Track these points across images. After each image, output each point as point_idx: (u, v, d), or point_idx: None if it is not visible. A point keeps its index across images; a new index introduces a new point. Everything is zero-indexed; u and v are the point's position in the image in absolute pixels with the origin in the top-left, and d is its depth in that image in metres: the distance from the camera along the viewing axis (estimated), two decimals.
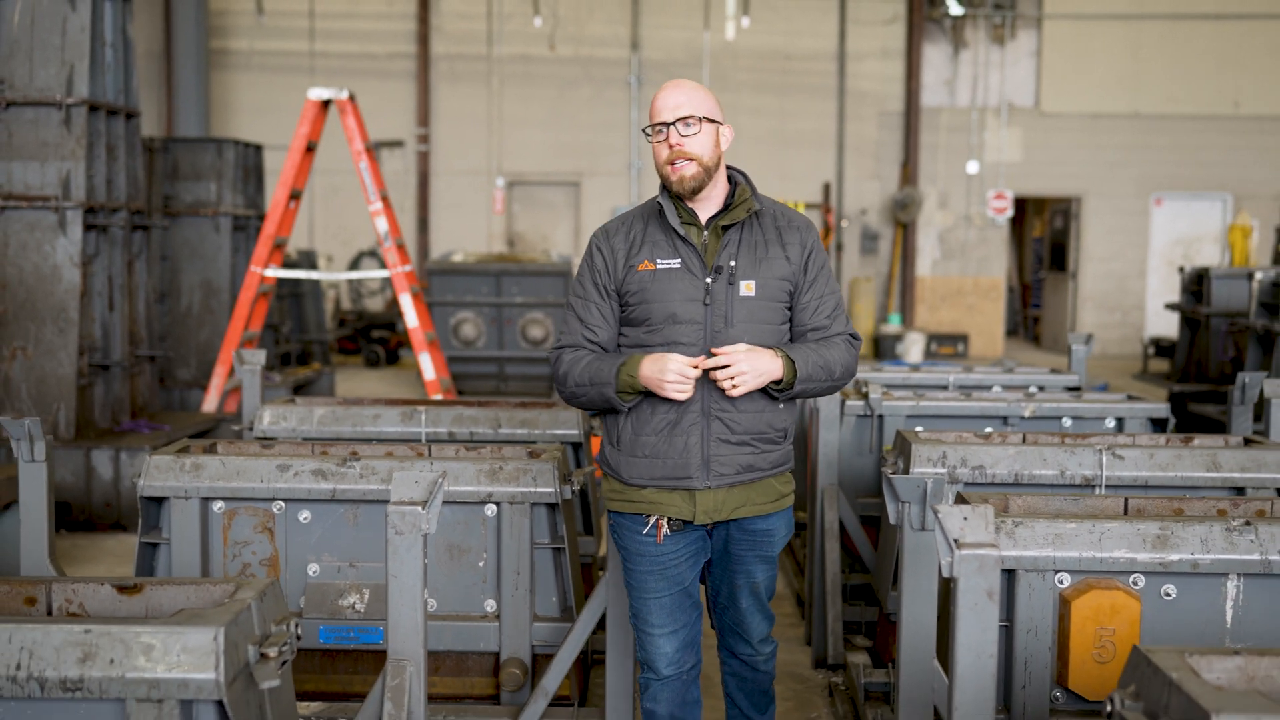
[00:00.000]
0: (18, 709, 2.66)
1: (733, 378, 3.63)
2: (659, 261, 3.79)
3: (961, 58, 21.25)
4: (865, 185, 21.42)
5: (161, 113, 20.62)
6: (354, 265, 20.70)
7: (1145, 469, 4.87)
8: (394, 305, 19.96)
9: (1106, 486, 4.88)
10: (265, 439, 5.29)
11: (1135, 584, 3.68)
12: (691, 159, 3.74)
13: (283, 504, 4.60)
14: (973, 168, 21.22)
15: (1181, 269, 12.84)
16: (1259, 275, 10.11)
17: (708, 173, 3.77)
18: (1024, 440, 5.22)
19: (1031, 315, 24.78)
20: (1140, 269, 21.48)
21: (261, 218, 12.20)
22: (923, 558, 3.52)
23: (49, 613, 3.01)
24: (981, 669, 2.98)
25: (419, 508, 3.32)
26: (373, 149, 10.12)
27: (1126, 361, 20.12)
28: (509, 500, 4.57)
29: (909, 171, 21.15)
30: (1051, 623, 3.70)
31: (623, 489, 3.88)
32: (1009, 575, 3.72)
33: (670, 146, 3.75)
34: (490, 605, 4.65)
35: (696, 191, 3.78)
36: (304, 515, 4.61)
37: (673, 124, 3.75)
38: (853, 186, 21.40)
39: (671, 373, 3.64)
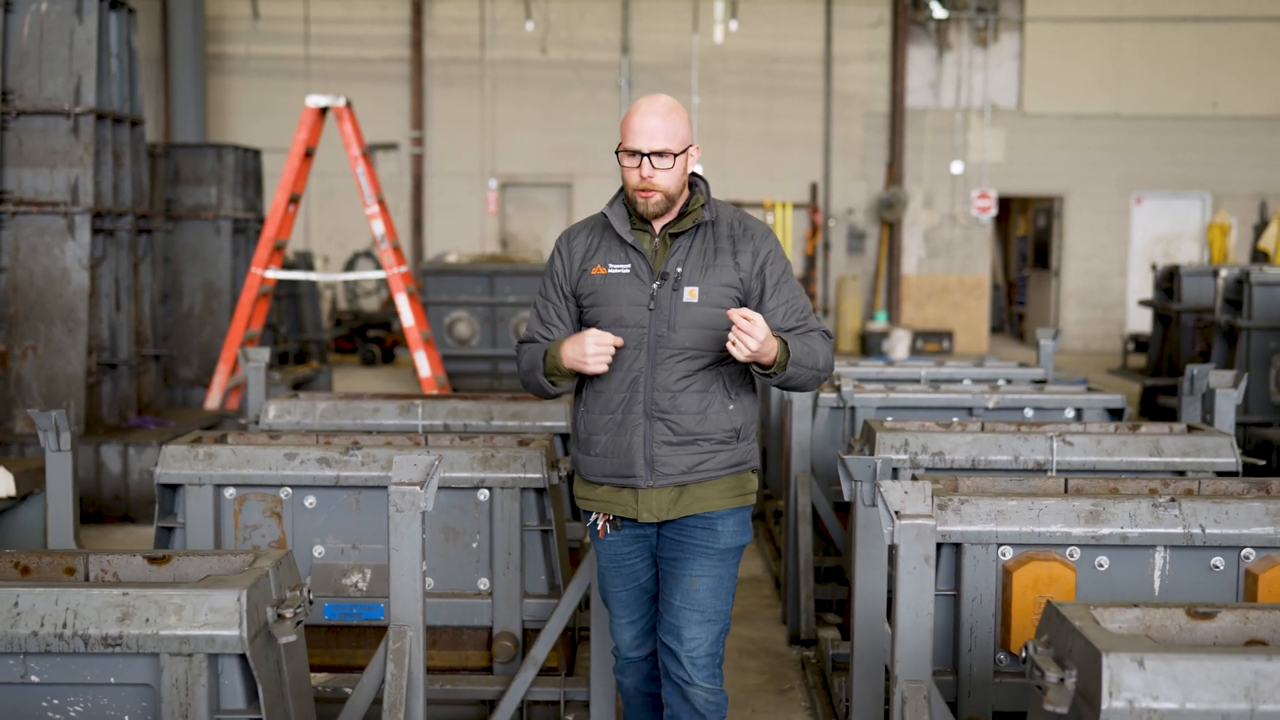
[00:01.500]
0: (64, 662, 3.01)
1: (741, 339, 3.60)
2: (610, 266, 3.90)
3: (945, 60, 21.59)
4: (852, 185, 21.76)
5: (159, 117, 20.94)
6: (349, 266, 21.02)
7: (1093, 454, 5.22)
8: (389, 305, 20.30)
9: (1057, 471, 5.23)
10: (272, 431, 5.63)
11: (1071, 556, 4.03)
12: (658, 190, 3.82)
13: (290, 490, 4.94)
14: (957, 168, 21.56)
15: (1154, 266, 13.19)
16: (1224, 273, 10.46)
17: (672, 201, 3.86)
18: (982, 428, 5.57)
19: (1016, 312, 25.15)
20: (1121, 267, 21.84)
21: (260, 221, 12.53)
22: (874, 530, 3.87)
23: (86, 580, 3.35)
24: (920, 625, 3.33)
25: (418, 488, 3.67)
26: (369, 153, 10.43)
27: (1108, 357, 20.49)
28: (500, 485, 4.92)
29: (894, 172, 21.50)
30: (995, 592, 4.06)
31: (582, 485, 4.02)
32: (956, 548, 4.07)
33: (642, 177, 3.81)
34: (483, 583, 5.00)
35: (659, 216, 3.89)
36: (309, 500, 4.96)
37: (648, 155, 3.80)
38: (839, 187, 21.73)
39: (590, 344, 3.74)
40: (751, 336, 3.59)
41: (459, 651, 5.09)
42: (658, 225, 3.93)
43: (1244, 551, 4.01)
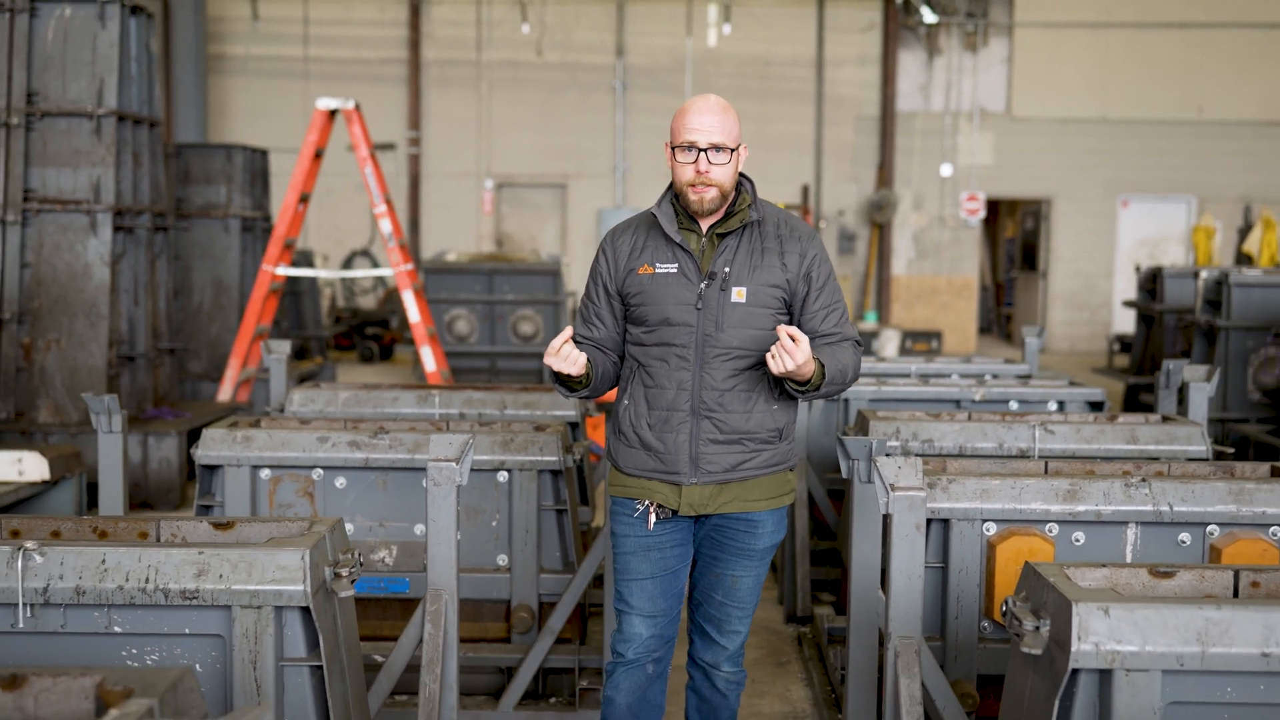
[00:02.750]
0: (144, 615, 3.34)
1: (782, 356, 3.66)
2: (658, 266, 3.92)
3: (935, 64, 21.98)
4: (843, 187, 22.15)
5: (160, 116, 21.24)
6: (346, 264, 21.36)
7: (1073, 442, 5.57)
8: (386, 303, 20.63)
9: (1039, 457, 5.59)
10: (301, 417, 5.96)
11: (1050, 531, 4.38)
12: (714, 186, 3.85)
13: (321, 471, 5.28)
14: (946, 170, 21.95)
15: (1138, 268, 13.56)
16: (1204, 274, 10.83)
17: (725, 197, 3.89)
18: (969, 418, 5.92)
19: (1004, 313, 25.54)
20: (1108, 269, 22.24)
21: (267, 219, 12.87)
22: (869, 505, 4.22)
23: (158, 542, 3.68)
24: (911, 587, 3.69)
25: (454, 463, 4.02)
26: (376, 155, 10.77)
27: (1094, 358, 20.88)
28: (519, 468, 5.26)
29: (885, 174, 21.88)
30: (979, 564, 4.41)
31: (619, 476, 4.04)
32: (944, 524, 4.42)
33: (698, 171, 3.83)
34: (502, 559, 5.35)
35: (713, 213, 3.91)
36: (340, 481, 5.29)
37: (705, 150, 3.84)
38: (830, 189, 22.12)
39: (555, 347, 3.81)
40: (791, 357, 3.64)
41: (479, 623, 5.43)
42: (705, 225, 3.95)
43: (1209, 528, 4.36)
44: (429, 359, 10.65)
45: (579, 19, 21.92)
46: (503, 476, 5.31)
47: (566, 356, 3.81)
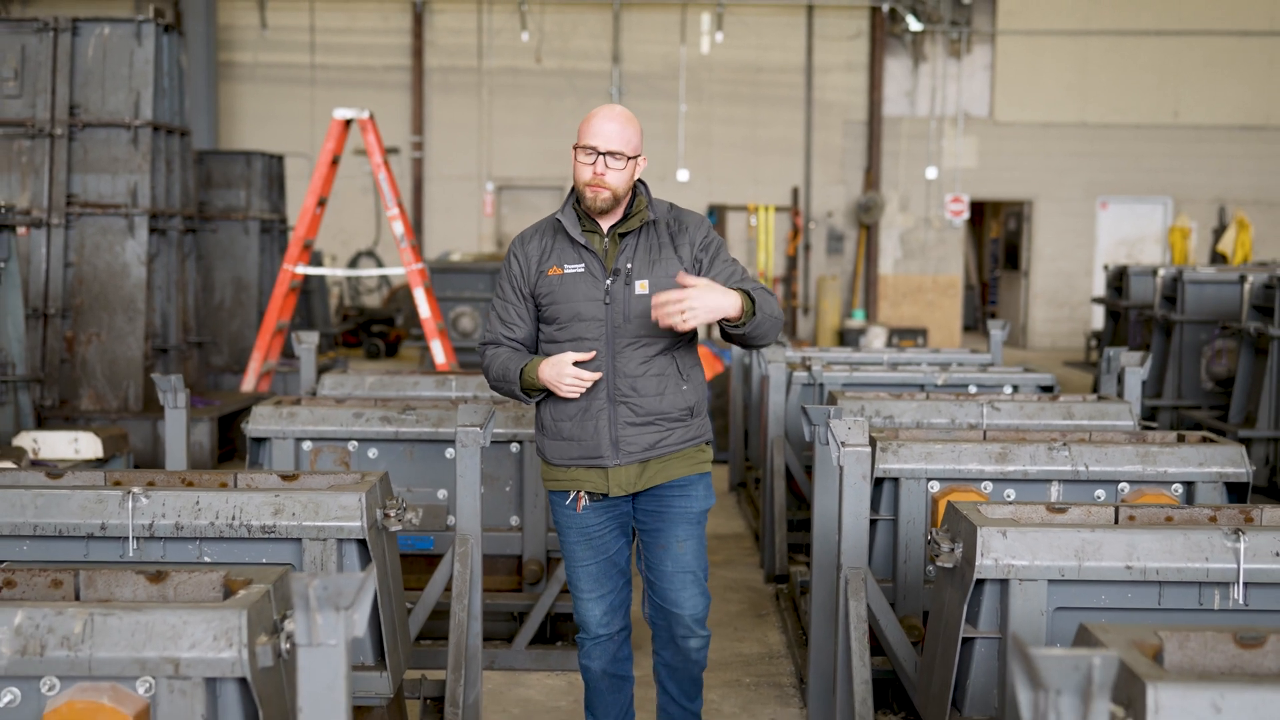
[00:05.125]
0: (229, 547, 4.09)
1: (683, 312, 3.92)
2: (566, 266, 4.23)
3: (921, 71, 22.73)
4: (831, 189, 22.88)
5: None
6: (352, 264, 22.09)
7: (1017, 418, 6.32)
8: (390, 301, 21.40)
9: (986, 431, 6.35)
10: (335, 398, 6.72)
11: (985, 488, 5.14)
12: (608, 188, 4.17)
13: (356, 443, 6.03)
14: (931, 173, 22.67)
15: (1106, 267, 14.33)
16: (1161, 272, 11.61)
17: (618, 200, 4.21)
18: (928, 398, 6.68)
19: (990, 311, 26.29)
20: (1087, 268, 23.00)
21: (283, 221, 13.64)
22: (828, 462, 4.98)
23: (237, 488, 4.44)
24: (859, 526, 4.46)
25: (478, 428, 4.78)
26: (389, 162, 11.51)
27: (1074, 353, 21.68)
28: (530, 439, 6.03)
29: (872, 177, 22.62)
30: (924, 517, 5.17)
31: (549, 469, 4.34)
32: (895, 483, 5.19)
33: (595, 173, 4.16)
34: (515, 520, 6.11)
35: (604, 213, 4.24)
36: (372, 452, 6.04)
37: (604, 154, 4.15)
38: (820, 191, 22.85)
39: (568, 377, 4.12)
40: (686, 301, 3.91)
41: (493, 576, 6.19)
42: (605, 226, 4.27)
43: (1120, 485, 5.13)
44: (438, 351, 11.38)
45: (577, 27, 22.66)
46: (515, 447, 6.07)
47: (579, 376, 4.13)
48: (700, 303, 3.92)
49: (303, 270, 11.50)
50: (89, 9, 20.82)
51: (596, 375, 4.14)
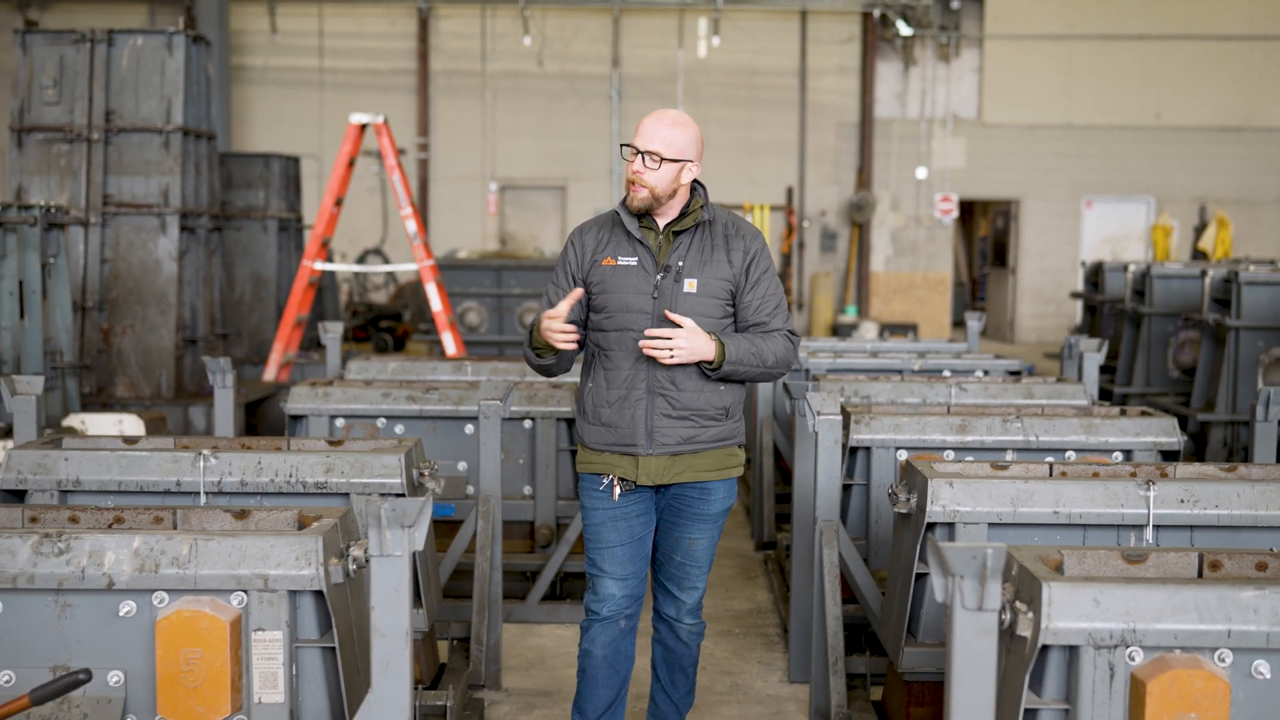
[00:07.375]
0: (287, 500, 4.74)
1: (670, 350, 4.18)
2: (619, 258, 4.34)
3: (911, 74, 23.39)
4: (825, 189, 23.51)
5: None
6: (360, 261, 22.74)
7: (981, 398, 6.97)
8: (398, 298, 22.05)
9: (951, 407, 7.00)
10: (362, 380, 7.38)
11: (947, 456, 5.79)
12: (645, 187, 4.28)
13: (384, 420, 6.68)
14: (921, 173, 23.33)
15: (1083, 263, 14.98)
16: (1132, 267, 12.27)
17: (657, 200, 4.29)
18: (903, 380, 7.34)
19: (979, 307, 26.97)
20: (1073, 265, 23.59)
21: (299, 220, 14.31)
22: (807, 431, 5.63)
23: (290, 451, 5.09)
24: (832, 485, 5.12)
25: (499, 401, 5.44)
26: (401, 164, 12.17)
27: (1057, 346, 22.31)
28: (541, 416, 6.68)
29: (864, 177, 23.27)
30: (893, 481, 5.83)
31: (585, 453, 4.46)
32: (867, 452, 5.83)
33: (633, 170, 4.29)
34: (528, 489, 6.77)
35: (643, 212, 4.33)
36: (399, 428, 6.69)
37: (641, 153, 4.29)
38: (813, 190, 23.49)
39: (553, 332, 4.24)
40: (674, 341, 4.17)
41: (509, 540, 6.86)
42: (661, 223, 4.38)
43: (1067, 454, 5.78)
44: (449, 343, 12.04)
45: (577, 32, 23.28)
46: (528, 424, 6.73)
47: (563, 330, 4.26)
48: (686, 344, 4.19)
49: (321, 266, 12.15)
50: (104, 18, 21.53)
51: (560, 313, 4.25)
